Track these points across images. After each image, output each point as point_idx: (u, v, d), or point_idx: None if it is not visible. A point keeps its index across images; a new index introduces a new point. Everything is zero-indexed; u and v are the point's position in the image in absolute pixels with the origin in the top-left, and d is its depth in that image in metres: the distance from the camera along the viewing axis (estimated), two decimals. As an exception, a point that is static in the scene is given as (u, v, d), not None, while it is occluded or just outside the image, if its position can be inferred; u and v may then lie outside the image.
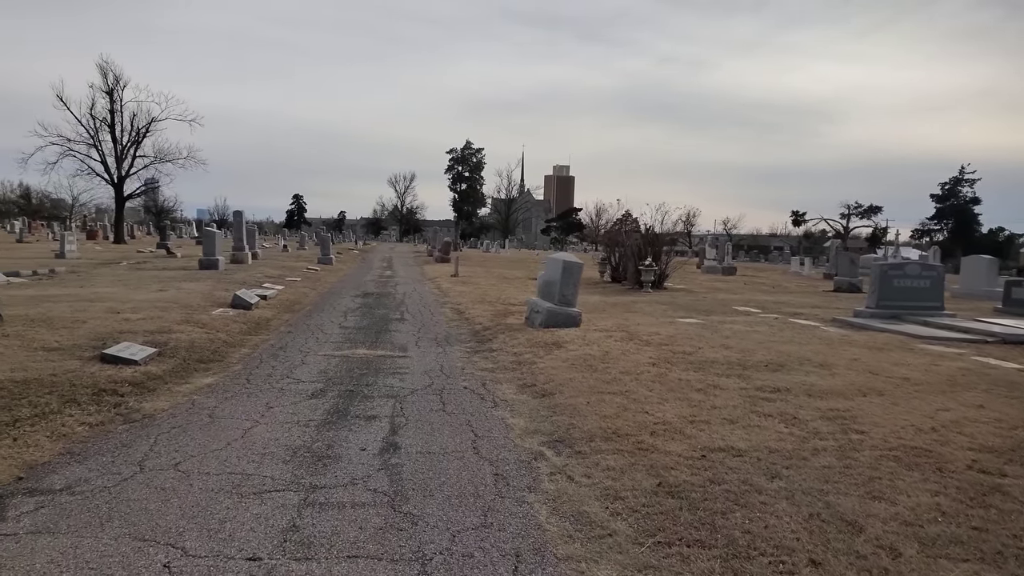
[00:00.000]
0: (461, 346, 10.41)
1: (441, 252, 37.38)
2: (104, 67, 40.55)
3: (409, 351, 9.79)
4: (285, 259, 30.58)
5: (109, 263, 23.54)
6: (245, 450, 5.29)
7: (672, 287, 22.51)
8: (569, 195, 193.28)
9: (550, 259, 12.53)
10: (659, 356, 9.07)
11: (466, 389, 7.56)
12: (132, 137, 41.72)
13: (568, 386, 7.43)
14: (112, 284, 15.59)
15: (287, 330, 11.40)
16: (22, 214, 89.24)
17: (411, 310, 14.69)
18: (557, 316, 11.68)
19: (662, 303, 16.92)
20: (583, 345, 9.72)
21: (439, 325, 12.59)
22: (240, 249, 25.62)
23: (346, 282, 21.85)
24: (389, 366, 8.66)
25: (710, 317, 14.10)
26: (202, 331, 10.01)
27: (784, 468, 4.96)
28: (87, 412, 5.99)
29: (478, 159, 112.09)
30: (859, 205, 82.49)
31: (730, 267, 36.03)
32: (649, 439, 5.59)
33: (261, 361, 8.74)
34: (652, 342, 10.09)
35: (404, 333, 11.46)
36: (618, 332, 11.01)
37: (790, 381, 7.74)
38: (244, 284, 17.10)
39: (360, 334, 11.15)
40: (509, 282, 23.34)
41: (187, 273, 19.60)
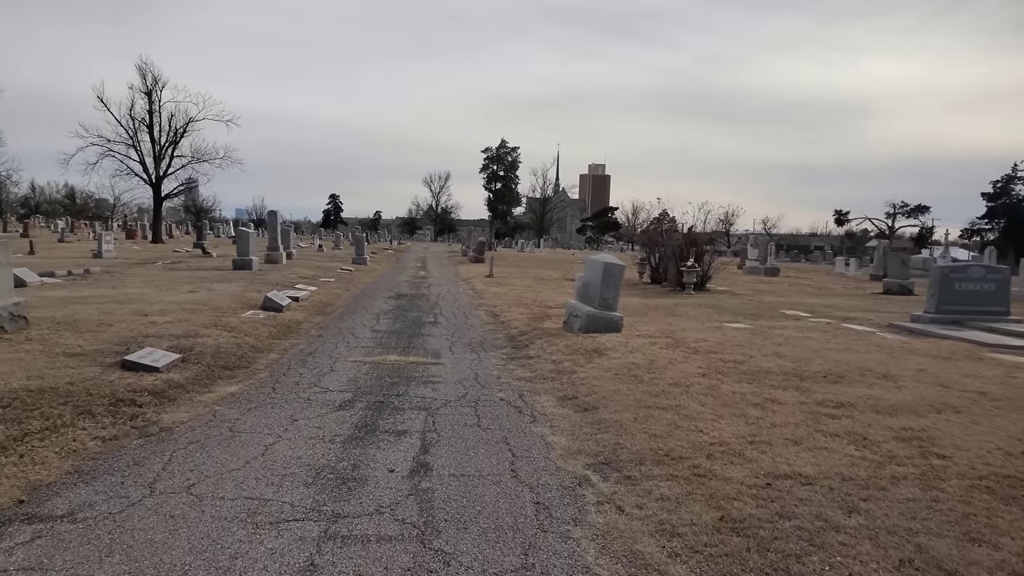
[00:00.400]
0: (497, 352, 9.94)
1: (476, 252, 37.00)
2: (143, 68, 41.09)
3: (442, 357, 9.35)
4: (320, 259, 30.45)
5: (144, 263, 23.56)
6: (265, 470, 4.88)
7: (714, 289, 21.79)
8: (605, 194, 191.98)
9: (589, 261, 12.00)
10: (709, 366, 8.50)
11: (502, 401, 7.08)
12: (170, 137, 42.15)
13: (613, 399, 6.91)
14: (144, 285, 15.43)
15: (318, 334, 11.04)
16: (67, 214, 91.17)
17: (445, 313, 14.27)
18: (597, 321, 11.16)
19: (706, 306, 16.27)
20: (626, 352, 9.19)
21: (474, 329, 12.14)
22: (275, 249, 25.48)
23: (380, 283, 21.55)
24: (421, 374, 8.22)
25: (758, 322, 13.45)
26: (229, 335, 9.69)
27: (862, 500, 4.39)
28: (101, 425, 5.63)
29: (513, 158, 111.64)
30: (905, 204, 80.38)
31: (773, 268, 35.07)
32: (706, 463, 5.06)
33: (289, 368, 8.37)
34: (700, 350, 9.52)
35: (437, 338, 11.03)
36: (663, 338, 10.45)
37: (853, 395, 7.12)
38: (276, 285, 16.86)
39: (392, 338, 10.75)
40: (545, 283, 22.84)
41: (220, 273, 19.44)
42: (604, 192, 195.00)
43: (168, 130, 41.97)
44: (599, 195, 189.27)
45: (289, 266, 23.71)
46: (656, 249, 24.14)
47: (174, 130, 41.96)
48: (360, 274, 24.26)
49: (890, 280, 24.87)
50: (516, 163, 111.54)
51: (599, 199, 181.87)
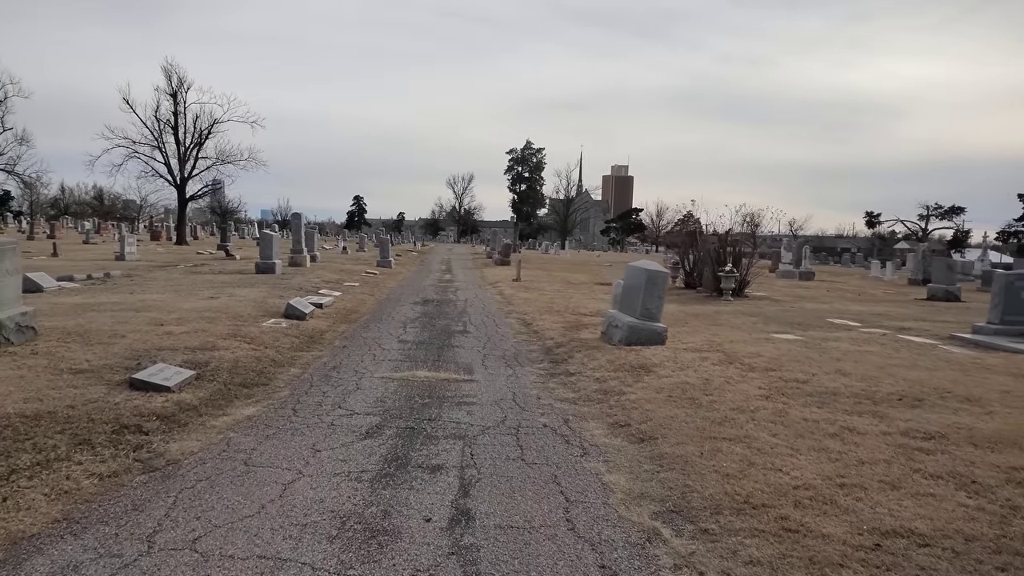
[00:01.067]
0: (533, 367, 9.22)
1: (501, 254, 36.33)
2: (168, 69, 40.86)
3: (475, 373, 8.65)
4: (344, 262, 29.94)
5: (166, 266, 23.15)
6: (282, 518, 4.21)
7: (753, 295, 20.91)
8: (628, 195, 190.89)
9: (631, 268, 11.25)
10: (769, 385, 7.73)
11: (546, 428, 6.36)
12: (194, 139, 41.91)
13: (671, 427, 6.17)
14: (163, 290, 14.92)
15: (342, 345, 10.40)
16: (95, 215, 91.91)
17: (474, 321, 13.59)
18: (640, 332, 10.41)
19: (748, 314, 15.45)
20: (676, 369, 8.43)
21: (506, 340, 11.44)
22: (298, 252, 24.96)
23: (405, 287, 20.93)
24: (454, 393, 7.53)
25: (808, 332, 12.62)
26: (249, 347, 9.07)
27: (999, 570, 3.63)
28: (100, 458, 5.00)
29: (538, 159, 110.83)
30: (939, 206, 78.41)
31: (808, 271, 34.02)
32: (795, 513, 4.31)
33: (311, 385, 7.71)
34: (755, 366, 8.74)
35: (468, 349, 10.34)
36: (712, 352, 9.68)
37: (941, 423, 6.32)
38: (300, 290, 16.29)
39: (420, 350, 10.08)
40: (575, 288, 22.09)
41: (243, 277, 18.93)
42: (627, 193, 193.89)
43: (193, 131, 41.84)
44: (622, 196, 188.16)
45: (313, 269, 23.18)
46: (690, 252, 23.31)
47: (199, 131, 41.79)
48: (385, 278, 23.67)
49: (935, 286, 23.80)
50: (541, 164, 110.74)
51: (622, 200, 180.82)
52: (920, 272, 33.98)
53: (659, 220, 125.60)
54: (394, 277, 24.44)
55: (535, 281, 24.12)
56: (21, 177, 69.82)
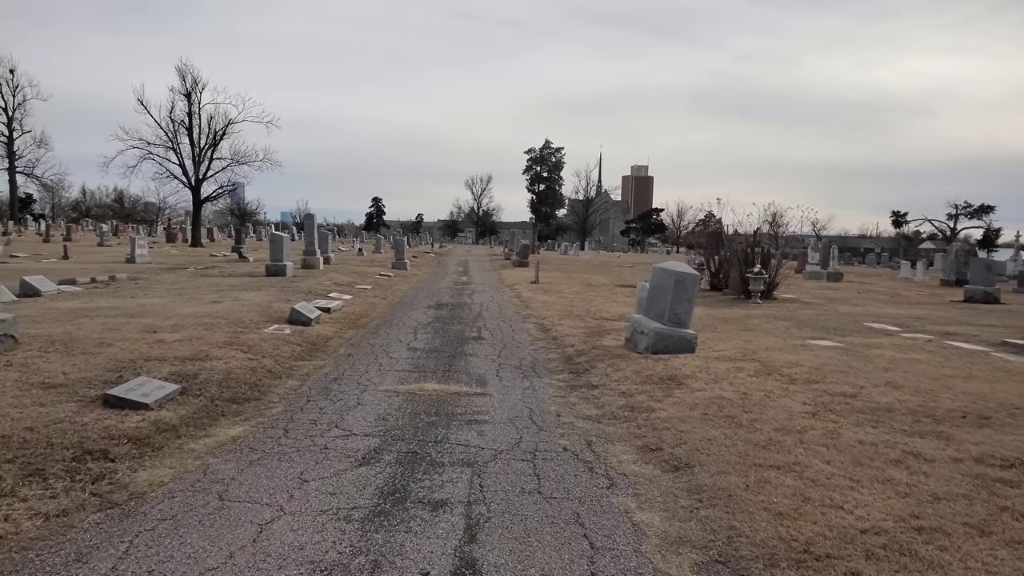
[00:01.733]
0: (552, 379, 8.49)
1: (519, 256, 35.62)
2: (183, 70, 40.43)
3: (488, 385, 7.93)
4: (359, 263, 29.37)
5: (176, 268, 22.67)
6: (252, 570, 3.52)
7: (782, 297, 20.04)
8: (647, 196, 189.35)
9: (657, 269, 10.49)
10: (815, 400, 6.95)
11: (566, 452, 5.63)
12: (209, 139, 41.47)
13: (709, 452, 5.42)
14: (166, 294, 14.35)
15: (347, 353, 9.73)
16: (115, 218, 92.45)
17: (489, 326, 12.87)
18: (667, 339, 9.65)
19: (780, 318, 14.61)
20: (710, 382, 7.67)
21: (523, 347, 10.71)
22: (311, 254, 24.40)
23: (420, 290, 20.27)
24: (464, 409, 6.81)
25: (846, 338, 11.78)
26: (245, 356, 8.41)
27: None
28: (51, 492, 4.33)
29: (557, 159, 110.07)
30: (968, 204, 76.62)
31: (836, 272, 33.01)
32: (868, 568, 3.55)
33: (308, 400, 7.03)
34: (796, 378, 7.95)
35: (482, 358, 9.62)
36: (747, 361, 8.89)
37: (1018, 447, 5.51)
38: (309, 293, 15.67)
39: (431, 359, 9.38)
40: (595, 290, 21.32)
41: (251, 280, 18.36)
42: (647, 194, 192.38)
43: (207, 132, 41.43)
44: (642, 197, 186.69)
45: (325, 272, 22.60)
46: (716, 253, 22.46)
47: (213, 132, 41.37)
48: (399, 280, 23.04)
49: (973, 287, 22.75)
50: (560, 164, 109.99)
51: (642, 201, 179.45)
52: (953, 273, 32.85)
53: (680, 220, 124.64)
54: (408, 280, 23.80)
55: (554, 283, 23.39)
56: (41, 180, 70.17)
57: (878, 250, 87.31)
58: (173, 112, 40.61)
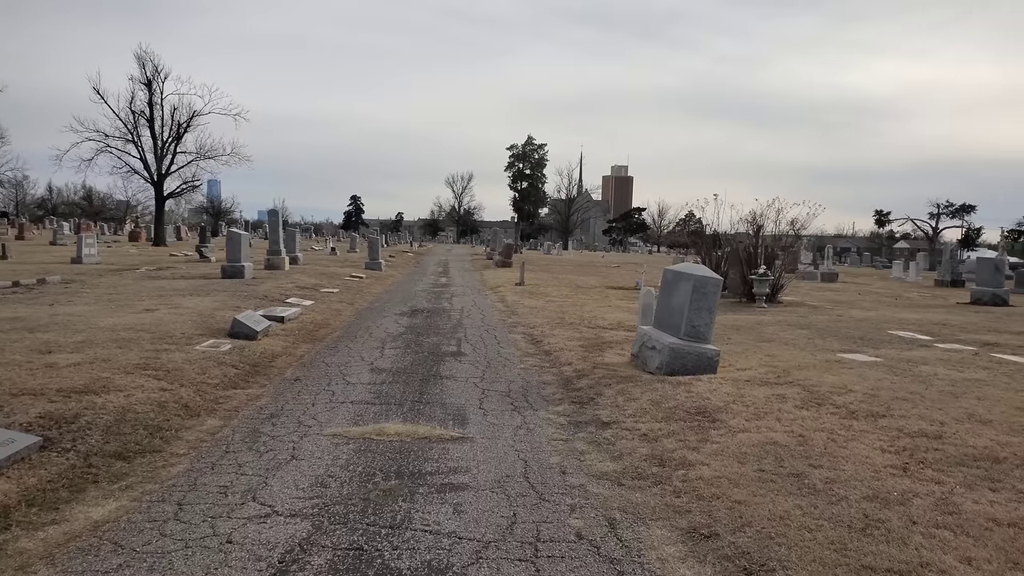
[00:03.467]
0: (549, 411, 6.72)
1: (502, 255, 33.83)
2: (142, 57, 37.87)
3: (469, 423, 6.16)
4: (330, 264, 27.42)
5: (126, 269, 20.63)
6: None
7: (786, 300, 18.48)
8: (628, 195, 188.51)
9: (670, 273, 8.80)
10: (894, 445, 5.28)
11: (582, 541, 3.88)
12: (172, 132, 39.13)
13: (788, 542, 3.70)
14: (95, 301, 12.42)
15: (295, 376, 7.91)
16: (84, 215, 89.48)
17: (471, 338, 11.09)
18: (685, 358, 7.97)
19: (795, 325, 12.99)
20: (752, 418, 5.97)
21: (511, 365, 8.95)
22: (276, 254, 22.45)
23: (393, 293, 18.41)
24: (436, 465, 5.04)
25: (881, 351, 10.17)
26: (157, 386, 6.58)
27: None
28: None
29: (540, 155, 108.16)
30: (950, 204, 75.79)
31: (831, 272, 31.62)
32: None
33: (225, 452, 5.22)
34: (854, 409, 6.28)
35: (461, 382, 7.84)
36: (784, 386, 7.21)
37: None
38: (264, 299, 13.82)
39: (398, 385, 7.58)
40: (585, 293, 19.62)
41: (204, 283, 16.44)
42: (627, 193, 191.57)
43: (170, 124, 39.09)
44: (622, 196, 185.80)
45: (291, 273, 20.69)
46: (714, 253, 20.86)
47: (177, 124, 39.04)
48: (371, 282, 21.15)
49: (981, 289, 21.36)
50: (543, 161, 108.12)
51: (622, 201, 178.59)
52: (948, 273, 31.66)
53: (661, 220, 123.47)
54: (382, 282, 21.90)
55: (540, 285, 21.65)
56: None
57: (854, 249, 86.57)
58: (133, 103, 38.26)
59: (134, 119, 38.25)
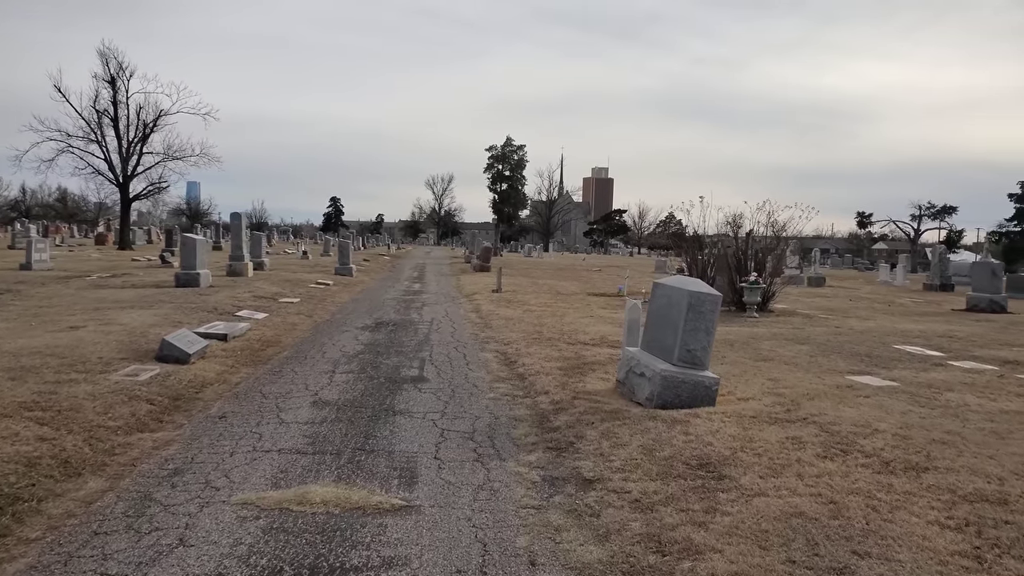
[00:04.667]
0: (520, 463, 5.52)
1: (480, 259, 32.64)
2: (105, 54, 36.32)
3: (418, 484, 4.95)
4: (298, 269, 26.07)
5: (77, 276, 19.20)
6: None
7: (778, 308, 17.46)
8: (608, 197, 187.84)
9: (660, 287, 7.67)
10: (953, 516, 4.18)
11: None
12: (138, 132, 37.54)
13: None
14: (18, 316, 11.09)
15: (219, 414, 6.68)
16: (58, 218, 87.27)
17: (437, 358, 9.90)
18: (679, 387, 6.86)
19: (791, 339, 11.93)
20: (768, 474, 4.85)
21: (478, 395, 7.76)
22: (238, 259, 21.11)
23: (360, 303, 17.16)
24: (364, 559, 3.79)
25: (894, 372, 9.13)
26: (36, 434, 5.34)
27: None
28: None
29: (519, 156, 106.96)
30: (932, 205, 75.50)
31: (819, 277, 30.76)
32: None
33: (92, 536, 4.00)
34: (889, 459, 5.18)
35: (418, 420, 6.65)
36: (797, 424, 6.11)
37: None
38: (213, 312, 12.56)
39: (339, 427, 6.35)
40: (566, 300, 18.48)
41: (154, 293, 15.13)
42: (608, 195, 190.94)
43: (136, 124, 37.48)
44: (603, 198, 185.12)
45: (253, 281, 19.37)
46: (700, 257, 19.81)
47: (143, 124, 37.46)
48: (339, 290, 19.87)
49: (977, 295, 20.50)
50: (523, 162, 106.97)
51: (603, 202, 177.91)
52: (937, 277, 30.91)
53: (641, 222, 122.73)
54: (350, 289, 20.61)
55: (519, 292, 20.49)
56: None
57: (834, 251, 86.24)
58: (97, 101, 36.64)
59: (98, 118, 36.69)
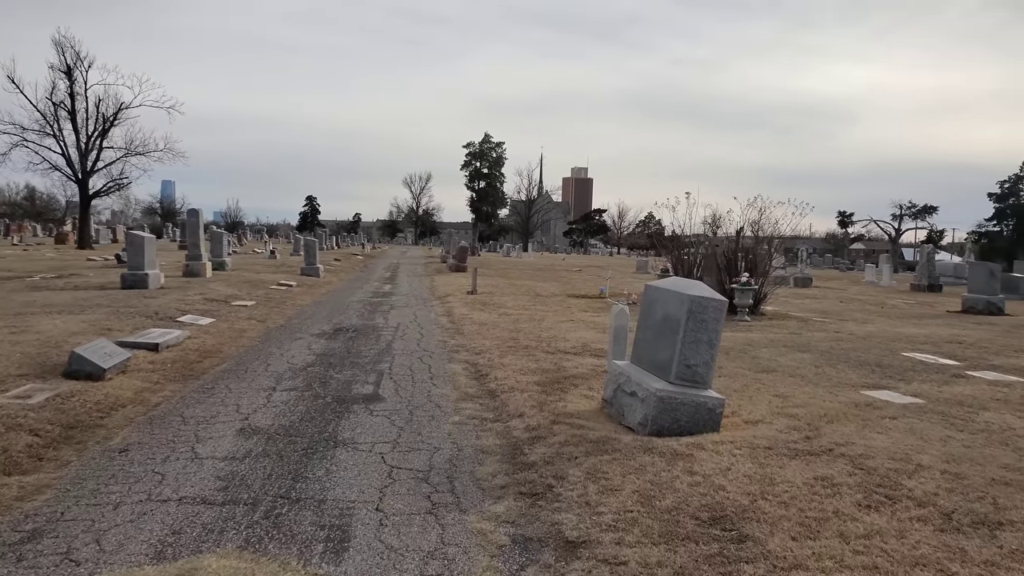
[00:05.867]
0: (484, 517, 4.33)
1: (456, 259, 31.43)
2: (61, 43, 34.45)
3: (348, 553, 3.76)
4: (263, 269, 24.71)
5: (15, 277, 17.68)
6: None
7: (770, 311, 16.47)
8: (588, 197, 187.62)
9: (653, 290, 6.56)
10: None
11: None
12: (98, 126, 35.84)
13: None
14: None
15: (121, 447, 5.46)
16: (26, 216, 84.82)
17: (397, 371, 8.72)
18: (677, 410, 5.77)
19: (791, 345, 10.90)
20: (801, 534, 3.74)
21: (440, 419, 6.59)
22: (195, 259, 19.76)
23: (322, 306, 15.89)
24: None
25: (912, 385, 8.12)
26: None
27: None
28: None
29: (498, 154, 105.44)
30: (912, 204, 75.38)
31: (806, 277, 29.90)
32: None
33: None
34: (947, 509, 4.10)
35: (363, 453, 5.47)
36: (823, 458, 5.03)
37: None
38: (153, 317, 11.30)
39: (264, 464, 5.14)
40: (544, 303, 17.36)
41: (94, 296, 13.81)
42: (587, 195, 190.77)
43: (96, 117, 35.76)
44: (582, 198, 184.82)
45: (209, 282, 18.05)
46: (686, 256, 18.80)
47: (102, 117, 35.75)
48: (302, 292, 18.57)
49: (974, 296, 19.70)
50: (501, 159, 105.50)
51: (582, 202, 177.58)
52: (925, 277, 30.23)
53: (621, 222, 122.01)
54: (314, 291, 19.31)
55: (495, 293, 19.33)
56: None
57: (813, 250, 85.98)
58: (54, 93, 34.91)
59: (54, 111, 34.92)
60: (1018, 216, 72.62)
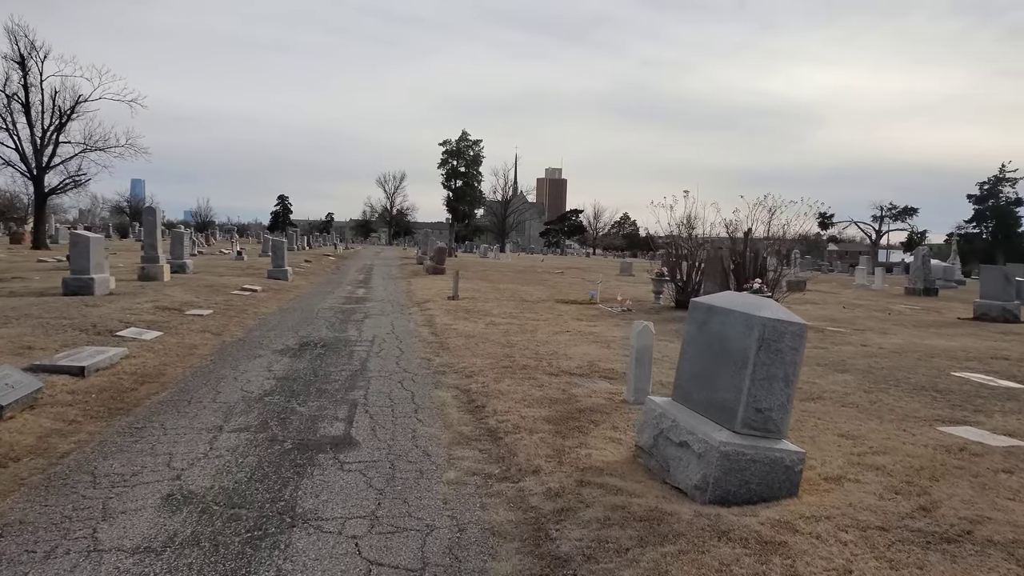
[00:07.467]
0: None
1: (434, 261, 29.85)
2: (15, 31, 32.40)
3: None
4: (227, 272, 23.00)
5: (-54, 282, 15.97)
6: None
7: (780, 320, 15.18)
8: (562, 198, 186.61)
9: (705, 308, 5.12)
10: None
11: None
12: (55, 120, 33.71)
13: None
14: None
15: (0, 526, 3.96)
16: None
17: (374, 402, 7.21)
18: (747, 469, 4.41)
19: (824, 364, 9.61)
20: None
21: (431, 478, 5.10)
22: (152, 261, 18.04)
23: (288, 314, 14.29)
24: None
25: (996, 419, 6.87)
26: None
27: None
28: None
29: (475, 152, 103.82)
30: (893, 206, 75.11)
31: (799, 281, 28.66)
32: None
33: None
34: None
35: (328, 540, 3.97)
36: (967, 548, 3.65)
37: None
38: (90, 330, 9.72)
39: (188, 558, 3.70)
40: (533, 310, 15.92)
41: (30, 303, 12.12)
42: (561, 196, 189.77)
43: (52, 111, 33.65)
44: (556, 199, 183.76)
45: (165, 287, 16.37)
46: (685, 260, 17.51)
47: (59, 110, 33.67)
48: (267, 297, 16.92)
49: (987, 302, 18.64)
50: (479, 158, 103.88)
51: (556, 203, 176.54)
52: (920, 280, 29.27)
53: (596, 222, 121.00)
54: (281, 296, 17.66)
55: (478, 299, 17.86)
56: None
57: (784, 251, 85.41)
58: (7, 84, 32.78)
59: (7, 103, 32.78)
60: (998, 218, 72.68)
